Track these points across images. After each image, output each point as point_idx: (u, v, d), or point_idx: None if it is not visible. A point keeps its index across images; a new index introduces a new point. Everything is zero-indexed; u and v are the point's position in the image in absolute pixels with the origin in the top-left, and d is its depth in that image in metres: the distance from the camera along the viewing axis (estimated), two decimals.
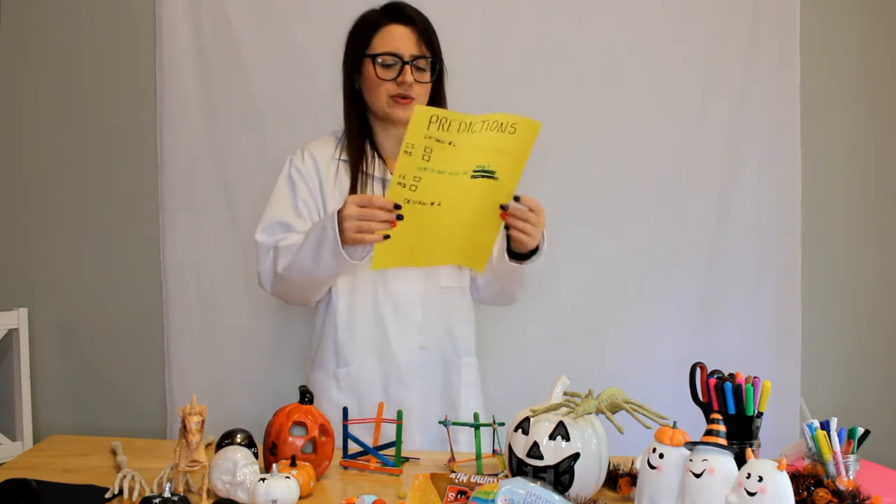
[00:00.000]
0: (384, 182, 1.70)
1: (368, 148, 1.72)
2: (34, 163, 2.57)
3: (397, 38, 1.65)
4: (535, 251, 1.64)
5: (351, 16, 2.35)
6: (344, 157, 1.72)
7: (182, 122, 2.44)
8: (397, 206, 1.50)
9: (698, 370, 1.36)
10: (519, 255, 1.65)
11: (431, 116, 1.44)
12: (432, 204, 1.52)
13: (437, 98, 1.72)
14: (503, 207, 1.54)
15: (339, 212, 1.53)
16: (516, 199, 1.55)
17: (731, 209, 2.47)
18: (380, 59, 1.64)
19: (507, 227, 1.59)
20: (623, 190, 2.47)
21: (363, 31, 1.70)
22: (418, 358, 1.70)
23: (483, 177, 1.52)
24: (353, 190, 1.68)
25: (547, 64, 2.44)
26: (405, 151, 1.47)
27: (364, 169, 1.69)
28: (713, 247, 2.47)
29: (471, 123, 1.46)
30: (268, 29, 2.43)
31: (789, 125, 2.46)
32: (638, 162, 2.46)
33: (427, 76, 1.67)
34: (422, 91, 1.67)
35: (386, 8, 1.71)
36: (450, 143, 1.47)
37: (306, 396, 1.40)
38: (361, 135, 1.72)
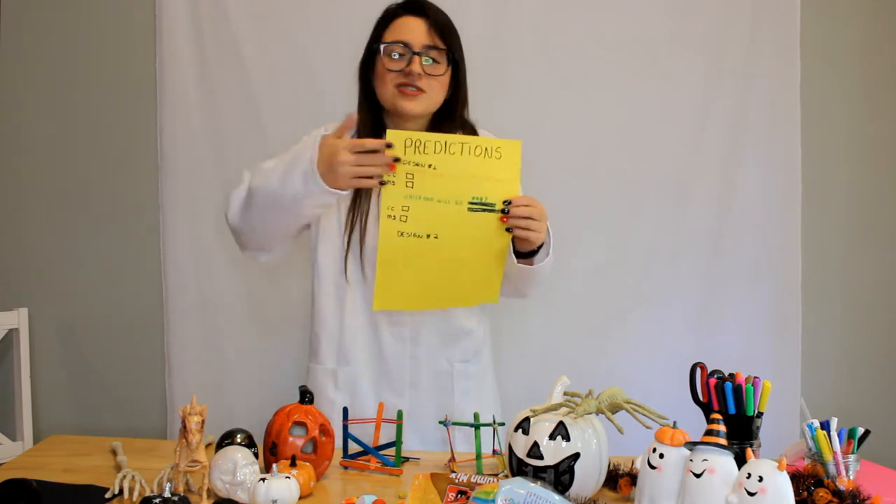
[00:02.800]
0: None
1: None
2: (34, 163, 2.57)
3: (408, 29, 1.60)
4: (541, 248, 1.61)
5: (351, 16, 2.37)
6: None
7: (182, 122, 2.44)
8: (389, 146, 1.45)
9: (698, 370, 1.36)
10: (527, 254, 1.61)
11: (406, 140, 1.44)
12: (428, 237, 1.50)
13: (456, 97, 1.66)
14: (504, 211, 1.51)
15: (323, 141, 1.50)
16: (508, 203, 1.51)
17: (731, 209, 2.47)
18: (388, 49, 1.59)
19: (508, 230, 1.54)
20: (623, 190, 2.47)
21: (378, 25, 1.66)
22: (409, 367, 1.67)
23: (482, 210, 1.50)
24: (357, 190, 1.62)
25: (547, 64, 2.45)
26: (389, 181, 1.46)
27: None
28: (713, 247, 2.48)
29: (447, 144, 1.45)
30: (268, 29, 2.43)
31: (789, 125, 2.46)
32: (638, 162, 2.46)
33: (440, 69, 1.60)
34: (434, 85, 1.60)
35: (404, 2, 1.66)
36: (430, 166, 1.46)
37: (306, 396, 1.40)
38: (373, 132, 1.65)
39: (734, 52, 2.45)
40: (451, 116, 1.66)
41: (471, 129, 1.68)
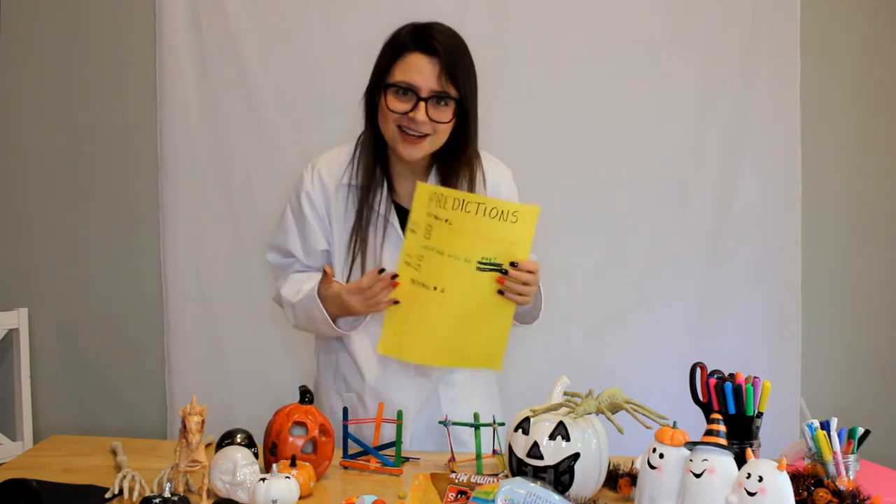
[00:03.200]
0: (387, 222, 1.60)
1: (378, 173, 1.61)
2: (34, 163, 2.57)
3: (417, 70, 1.49)
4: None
5: (351, 16, 2.38)
6: (353, 182, 1.62)
7: (182, 122, 2.45)
8: (394, 276, 1.50)
9: (698, 370, 1.36)
10: None
11: (431, 193, 1.46)
12: (435, 289, 1.49)
13: (460, 139, 1.57)
14: (503, 272, 1.48)
15: (324, 296, 1.56)
16: (513, 265, 1.48)
17: (731, 209, 2.47)
18: (394, 89, 1.51)
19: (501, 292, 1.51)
20: (623, 190, 2.47)
21: (387, 54, 1.55)
22: (414, 397, 1.65)
23: (490, 270, 1.49)
24: (356, 226, 1.60)
25: (547, 64, 2.45)
26: (411, 230, 1.48)
27: (370, 203, 1.61)
28: (713, 247, 2.48)
29: (465, 202, 1.45)
30: (268, 29, 2.43)
31: (789, 125, 2.46)
32: (638, 162, 2.46)
33: (447, 115, 1.52)
34: (440, 128, 1.53)
35: (416, 31, 1.52)
36: (446, 221, 1.46)
37: (306, 396, 1.40)
38: (374, 161, 1.61)
39: (734, 52, 2.45)
40: (455, 155, 1.59)
41: (474, 163, 1.63)
